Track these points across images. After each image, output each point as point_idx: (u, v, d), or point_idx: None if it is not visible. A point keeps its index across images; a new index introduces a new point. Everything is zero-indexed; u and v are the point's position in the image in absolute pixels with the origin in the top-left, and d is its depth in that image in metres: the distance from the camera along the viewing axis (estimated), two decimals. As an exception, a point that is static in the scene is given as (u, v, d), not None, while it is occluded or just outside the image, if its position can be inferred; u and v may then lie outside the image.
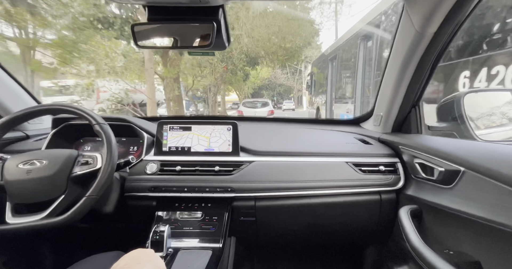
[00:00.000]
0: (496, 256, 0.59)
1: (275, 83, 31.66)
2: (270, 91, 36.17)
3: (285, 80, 28.78)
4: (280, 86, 34.35)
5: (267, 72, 24.93)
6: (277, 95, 37.68)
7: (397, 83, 1.02)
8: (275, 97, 36.56)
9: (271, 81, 29.31)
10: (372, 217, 1.04)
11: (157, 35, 0.76)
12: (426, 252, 0.66)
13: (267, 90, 35.56)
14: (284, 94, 37.25)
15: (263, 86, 32.29)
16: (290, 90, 34.45)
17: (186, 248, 0.86)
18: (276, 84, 32.84)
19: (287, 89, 34.23)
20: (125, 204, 0.99)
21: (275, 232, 1.11)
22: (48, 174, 0.76)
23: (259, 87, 31.28)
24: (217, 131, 1.06)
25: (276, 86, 34.96)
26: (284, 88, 34.37)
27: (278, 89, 35.70)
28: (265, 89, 35.21)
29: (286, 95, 37.03)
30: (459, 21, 0.81)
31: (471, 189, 0.66)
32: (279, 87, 34.70)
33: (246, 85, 21.75)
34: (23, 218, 0.75)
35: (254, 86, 26.61)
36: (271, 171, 1.00)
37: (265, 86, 33.01)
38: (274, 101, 34.41)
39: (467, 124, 1.00)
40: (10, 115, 0.84)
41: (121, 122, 1.09)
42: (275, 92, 36.80)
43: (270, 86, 34.55)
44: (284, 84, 30.85)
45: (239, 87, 21.14)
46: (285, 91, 36.04)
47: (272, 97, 35.89)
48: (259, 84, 27.55)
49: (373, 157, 1.05)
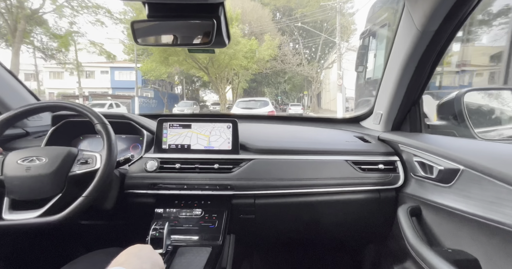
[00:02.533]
0: (494, 254, 0.59)
1: (282, 72, 22.25)
2: (272, 88, 28.24)
3: (297, 67, 19.27)
4: (287, 82, 25.44)
5: (271, 46, 16.52)
6: (282, 94, 29.42)
7: (397, 82, 1.02)
8: (279, 97, 29.16)
9: (274, 69, 19.77)
10: (371, 215, 1.04)
11: (157, 32, 0.76)
12: (425, 250, 0.66)
13: (269, 87, 27.78)
14: (291, 93, 28.74)
15: (262, 77, 23.66)
16: (302, 86, 24.90)
17: (185, 245, 0.87)
18: (281, 77, 23.97)
19: (297, 84, 25.03)
20: (124, 201, 0.99)
21: (275, 229, 1.11)
22: (47, 172, 0.77)
23: (255, 79, 22.90)
24: (217, 129, 1.06)
25: (281, 82, 26.52)
26: (293, 83, 25.20)
27: (284, 86, 26.95)
28: (266, 85, 27.24)
29: (294, 94, 28.71)
30: (460, 19, 0.81)
31: (470, 187, 0.67)
32: (285, 83, 26.28)
33: (232, 68, 15.45)
34: (19, 214, 0.75)
35: (247, 74, 18.32)
36: (271, 169, 1.00)
37: (265, 77, 24.15)
38: (278, 101, 27.73)
39: (467, 122, 1.00)
40: (12, 111, 0.84)
41: (121, 119, 1.09)
42: (279, 90, 28.48)
43: (273, 81, 26.17)
44: (295, 74, 21.27)
45: (219, 72, 15.09)
46: (293, 88, 26.47)
47: (275, 97, 28.45)
48: (256, 69, 17.64)
49: (373, 155, 1.05)
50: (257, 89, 27.26)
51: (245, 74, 18.74)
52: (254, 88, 26.32)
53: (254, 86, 25.89)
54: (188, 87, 26.76)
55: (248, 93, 25.00)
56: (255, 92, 26.48)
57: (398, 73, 1.00)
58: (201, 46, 0.72)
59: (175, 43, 0.75)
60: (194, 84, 25.56)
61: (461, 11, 0.77)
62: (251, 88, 25.65)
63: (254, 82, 24.60)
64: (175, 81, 24.04)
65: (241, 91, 20.95)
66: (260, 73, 20.71)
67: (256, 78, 23.55)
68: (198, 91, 28.79)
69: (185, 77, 21.85)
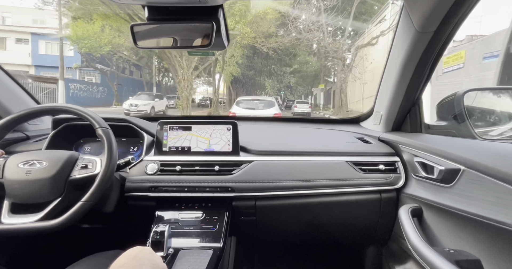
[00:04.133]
0: (496, 255, 0.59)
1: (290, 56, 15.13)
2: (275, 81, 20.49)
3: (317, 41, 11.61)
4: (294, 73, 18.40)
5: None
6: (286, 90, 22.61)
7: (397, 82, 1.02)
8: (283, 92, 22.52)
9: (281, 46, 12.05)
10: (372, 216, 1.04)
11: (156, 35, 0.76)
12: (427, 251, 0.66)
13: (271, 78, 19.77)
14: (296, 88, 21.92)
15: (262, 64, 16.40)
16: (312, 78, 17.77)
17: (186, 248, 0.86)
18: (288, 64, 16.68)
19: (308, 76, 17.80)
20: (125, 204, 0.99)
21: (276, 231, 1.11)
22: (47, 176, 0.77)
23: (252, 65, 15.91)
24: (217, 131, 1.06)
25: (286, 73, 19.01)
26: (301, 75, 18.41)
27: (289, 79, 19.98)
28: (267, 75, 18.89)
29: (301, 89, 22.23)
30: (458, 20, 0.81)
31: (471, 187, 0.67)
32: (290, 75, 19.34)
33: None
34: (19, 218, 0.75)
35: (236, 50, 11.20)
36: (271, 170, 1.00)
37: (266, 65, 16.62)
38: (282, 97, 21.86)
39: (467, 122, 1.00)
40: (12, 115, 0.84)
41: (121, 122, 1.09)
42: (282, 84, 21.17)
43: (276, 71, 18.33)
44: (306, 62, 14.88)
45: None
46: (300, 81, 19.49)
47: (277, 92, 21.98)
48: (249, 36, 10.42)
49: (373, 156, 1.05)
50: (254, 80, 18.53)
51: (235, 53, 11.52)
52: (251, 78, 17.59)
53: (250, 75, 17.19)
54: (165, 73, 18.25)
55: (242, 84, 16.82)
56: (252, 84, 18.54)
57: (398, 73, 1.00)
58: (200, 48, 0.73)
59: (175, 46, 0.75)
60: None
61: (459, 12, 0.77)
62: (247, 77, 16.96)
63: (251, 69, 16.90)
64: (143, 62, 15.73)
65: (229, 79, 13.51)
66: (259, 54, 13.67)
67: (254, 63, 16.37)
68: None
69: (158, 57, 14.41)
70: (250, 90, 18.56)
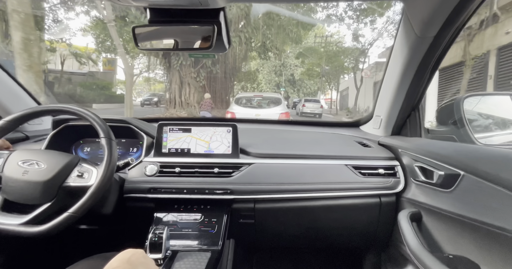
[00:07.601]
0: (496, 260, 0.59)
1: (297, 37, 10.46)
2: (272, 73, 16.28)
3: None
4: (302, 54, 13.05)
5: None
6: (288, 85, 17.34)
7: (397, 86, 1.02)
8: (283, 89, 17.44)
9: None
10: (371, 220, 1.03)
11: (158, 37, 0.76)
12: (426, 256, 0.66)
13: (264, 67, 15.03)
14: (302, 83, 16.87)
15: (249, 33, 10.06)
16: (342, 67, 12.81)
17: (184, 250, 0.86)
18: (292, 39, 10.86)
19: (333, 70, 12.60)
20: (124, 206, 0.98)
21: (274, 234, 1.10)
22: (41, 180, 0.76)
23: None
24: (217, 133, 1.06)
25: (289, 64, 14.30)
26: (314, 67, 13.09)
27: (291, 70, 15.33)
28: (260, 62, 13.42)
29: (307, 85, 17.36)
30: (459, 25, 0.81)
31: (470, 193, 0.66)
32: (295, 63, 14.30)
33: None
34: (5, 217, 0.74)
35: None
36: (271, 173, 1.00)
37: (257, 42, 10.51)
38: (281, 95, 13.56)
39: (466, 127, 1.00)
40: (13, 115, 0.84)
41: (120, 123, 1.09)
42: (283, 78, 16.34)
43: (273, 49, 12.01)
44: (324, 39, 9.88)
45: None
46: (309, 72, 14.38)
47: (276, 89, 17.13)
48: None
49: (373, 160, 1.05)
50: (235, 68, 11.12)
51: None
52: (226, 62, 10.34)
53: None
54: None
55: (208, 79, 10.01)
56: (231, 73, 11.03)
57: (398, 78, 1.00)
58: (201, 50, 0.73)
59: (176, 48, 0.75)
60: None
61: (460, 17, 0.77)
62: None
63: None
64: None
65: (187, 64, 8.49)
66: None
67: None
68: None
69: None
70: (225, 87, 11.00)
